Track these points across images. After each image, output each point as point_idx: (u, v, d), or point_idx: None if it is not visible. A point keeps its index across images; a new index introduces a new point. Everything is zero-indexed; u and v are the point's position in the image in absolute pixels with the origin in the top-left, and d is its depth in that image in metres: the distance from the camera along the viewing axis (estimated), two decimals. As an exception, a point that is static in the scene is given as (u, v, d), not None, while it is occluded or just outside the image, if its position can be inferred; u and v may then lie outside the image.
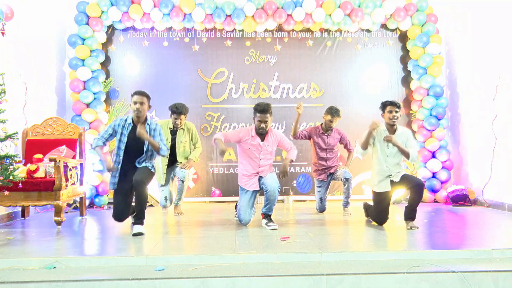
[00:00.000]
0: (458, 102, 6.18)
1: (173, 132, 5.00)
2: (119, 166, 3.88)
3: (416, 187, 3.87)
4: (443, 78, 6.21)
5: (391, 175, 4.04)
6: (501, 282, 2.64)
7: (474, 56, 5.78)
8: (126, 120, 3.95)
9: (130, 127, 3.91)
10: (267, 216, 4.11)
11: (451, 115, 6.33)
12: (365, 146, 4.05)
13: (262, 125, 4.05)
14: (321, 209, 5.06)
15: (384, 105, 4.05)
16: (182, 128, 5.01)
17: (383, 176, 4.06)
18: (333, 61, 6.33)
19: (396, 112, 3.97)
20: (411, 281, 2.63)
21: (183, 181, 4.92)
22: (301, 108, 4.67)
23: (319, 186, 5.03)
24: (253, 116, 4.11)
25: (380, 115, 4.10)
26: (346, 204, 4.94)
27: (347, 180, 4.83)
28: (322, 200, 5.02)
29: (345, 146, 5.11)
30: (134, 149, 3.91)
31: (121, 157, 3.88)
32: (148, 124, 3.95)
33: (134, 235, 3.67)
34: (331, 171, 5.00)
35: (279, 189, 4.09)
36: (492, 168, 5.39)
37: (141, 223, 3.78)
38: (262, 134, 4.14)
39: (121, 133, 3.90)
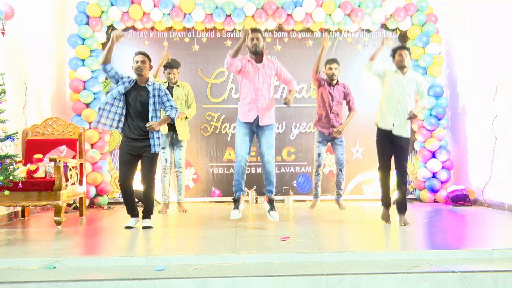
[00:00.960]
0: (458, 102, 6.17)
1: (169, 90, 4.98)
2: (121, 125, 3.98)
3: (399, 186, 4.15)
4: (443, 78, 6.21)
5: (396, 117, 4.08)
6: (501, 282, 2.64)
7: (474, 56, 5.78)
8: (130, 77, 4.05)
9: (131, 84, 3.98)
10: (270, 201, 4.16)
11: (451, 115, 6.33)
12: (372, 57, 4.19)
13: (255, 41, 4.05)
14: (319, 165, 4.98)
15: (394, 51, 4.16)
16: (178, 85, 5.02)
17: (389, 113, 4.12)
18: (333, 61, 6.32)
19: (406, 55, 4.08)
20: (411, 281, 2.63)
21: (181, 172, 5.05)
22: (326, 40, 4.56)
23: (319, 142, 4.97)
24: (246, 43, 4.09)
25: (392, 62, 4.19)
26: (338, 197, 5.00)
27: (341, 170, 4.94)
28: (320, 155, 4.97)
29: (348, 103, 5.00)
30: (135, 110, 3.99)
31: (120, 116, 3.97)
32: (149, 84, 4.04)
33: (144, 227, 4.01)
34: (334, 131, 4.89)
35: (274, 158, 4.15)
36: (492, 168, 5.39)
37: (149, 218, 4.13)
38: (256, 53, 4.11)
39: (123, 84, 3.98)
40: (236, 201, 4.16)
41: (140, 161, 4.08)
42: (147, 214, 4.12)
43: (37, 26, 5.36)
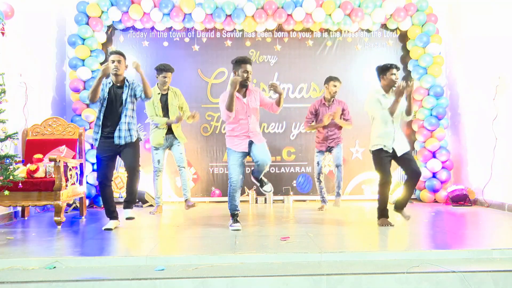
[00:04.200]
0: (458, 102, 6.17)
1: (164, 97, 4.98)
2: (101, 124, 3.95)
3: (410, 181, 4.00)
4: (443, 78, 6.21)
5: (394, 139, 4.03)
6: (501, 282, 2.64)
7: (474, 56, 5.78)
8: (108, 81, 4.06)
9: (109, 85, 3.99)
10: (257, 179, 4.14)
11: (451, 115, 6.33)
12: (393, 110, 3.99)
13: (247, 75, 3.91)
14: (318, 172, 5.23)
15: (386, 69, 4.05)
16: (171, 91, 5.02)
17: (385, 137, 4.04)
18: (333, 61, 6.32)
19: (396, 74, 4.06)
20: (411, 281, 2.63)
21: (184, 167, 5.01)
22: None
23: (318, 152, 5.25)
24: (235, 69, 3.95)
25: (381, 78, 4.10)
26: (337, 195, 5.16)
27: (337, 167, 5.11)
28: (319, 163, 5.22)
29: (344, 117, 5.12)
30: (115, 107, 3.97)
31: (101, 114, 3.95)
32: (127, 84, 4.04)
33: (127, 219, 4.02)
34: (331, 144, 5.14)
35: (270, 161, 4.01)
36: (492, 168, 5.39)
37: (131, 207, 4.08)
38: (244, 86, 3.95)
39: (102, 90, 3.96)
40: (234, 216, 4.04)
41: (120, 155, 4.05)
42: (129, 204, 4.05)
43: (37, 26, 5.35)
